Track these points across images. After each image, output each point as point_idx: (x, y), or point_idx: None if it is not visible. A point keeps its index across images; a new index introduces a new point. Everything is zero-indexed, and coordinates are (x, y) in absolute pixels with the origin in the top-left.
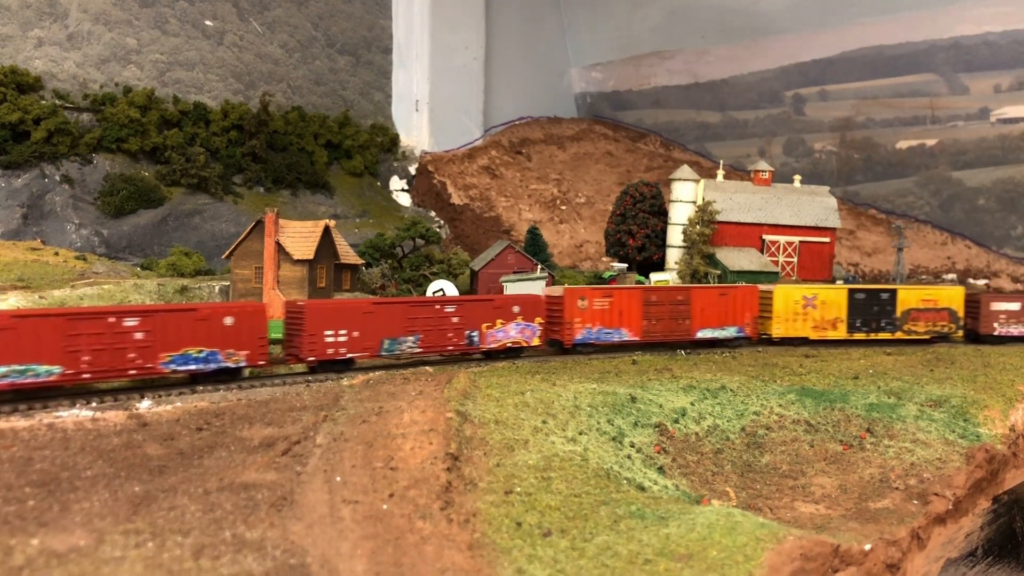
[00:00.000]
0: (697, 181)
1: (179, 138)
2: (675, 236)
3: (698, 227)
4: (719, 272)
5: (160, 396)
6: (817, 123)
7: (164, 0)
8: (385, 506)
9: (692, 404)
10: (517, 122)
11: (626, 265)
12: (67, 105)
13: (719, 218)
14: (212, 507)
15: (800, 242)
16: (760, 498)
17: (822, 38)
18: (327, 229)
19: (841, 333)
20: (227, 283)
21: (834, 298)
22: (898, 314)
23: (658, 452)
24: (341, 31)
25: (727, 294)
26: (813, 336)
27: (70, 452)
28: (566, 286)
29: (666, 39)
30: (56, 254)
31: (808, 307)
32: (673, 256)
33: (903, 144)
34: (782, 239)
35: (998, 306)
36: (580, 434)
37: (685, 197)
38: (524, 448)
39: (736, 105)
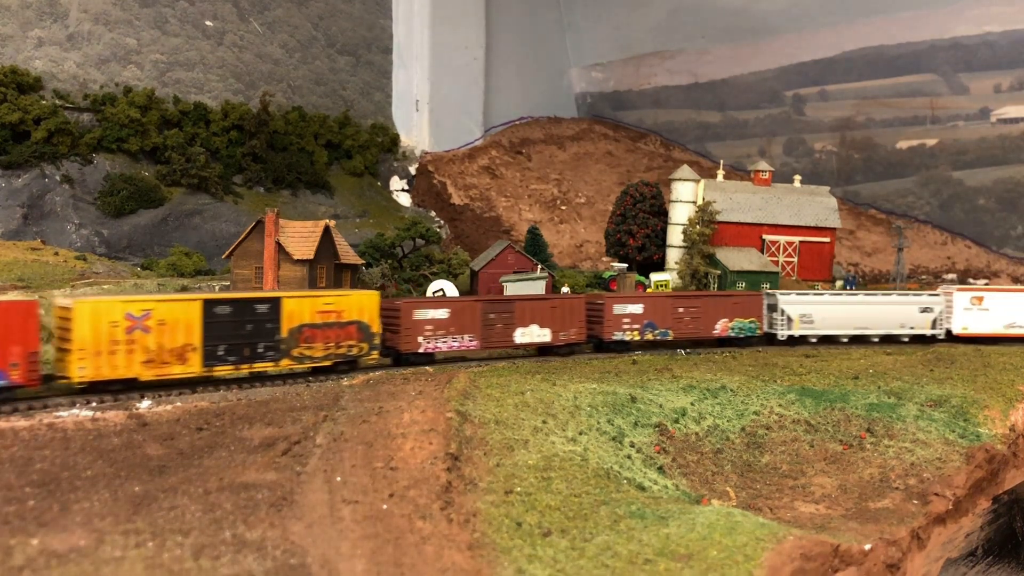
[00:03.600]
0: (697, 181)
1: (179, 138)
2: (675, 236)
3: (698, 227)
4: (719, 272)
5: (160, 396)
6: (817, 123)
7: (164, 0)
8: (385, 506)
9: (692, 404)
10: (517, 122)
11: (626, 265)
12: (67, 105)
13: (719, 218)
14: (212, 507)
15: (800, 242)
16: (760, 498)
17: (822, 38)
18: (327, 229)
19: (194, 367)
20: (227, 283)
21: (181, 315)
22: (284, 334)
23: (658, 452)
24: (341, 31)
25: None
26: (147, 375)
27: (70, 452)
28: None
29: (666, 39)
30: (56, 254)
31: (137, 330)
32: (673, 256)
33: (903, 144)
34: (782, 239)
35: (423, 314)
36: (580, 434)
37: (685, 197)
38: (524, 448)
39: (736, 105)
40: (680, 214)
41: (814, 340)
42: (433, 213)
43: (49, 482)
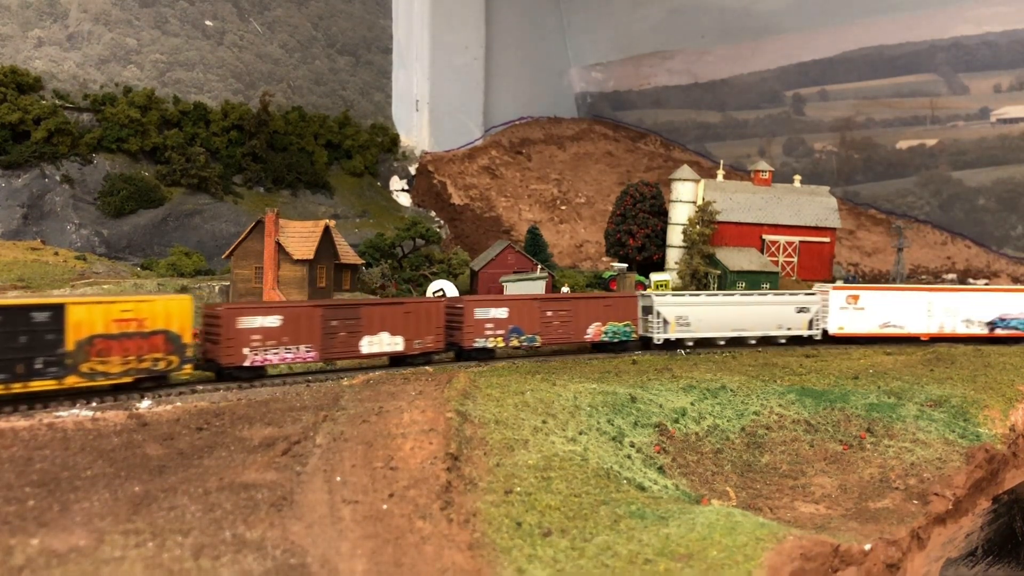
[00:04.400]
0: (697, 181)
1: (179, 138)
2: (675, 236)
3: (698, 227)
4: (719, 272)
5: (160, 396)
6: (817, 123)
7: (164, 0)
8: (385, 506)
9: (692, 404)
10: (517, 122)
11: (626, 265)
12: (67, 105)
13: (719, 218)
14: (212, 507)
15: (800, 242)
16: (760, 498)
17: (822, 38)
18: (327, 229)
19: None
20: (227, 283)
21: None
22: (70, 346)
23: (658, 452)
24: (341, 31)
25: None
26: None
27: (70, 452)
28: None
29: (666, 39)
30: (56, 254)
31: None
32: (673, 256)
33: (903, 144)
34: (782, 239)
35: (250, 322)
36: (580, 434)
37: (685, 197)
38: (524, 448)
39: (736, 105)
40: (680, 214)
41: (691, 344)
42: (433, 213)
43: (49, 482)
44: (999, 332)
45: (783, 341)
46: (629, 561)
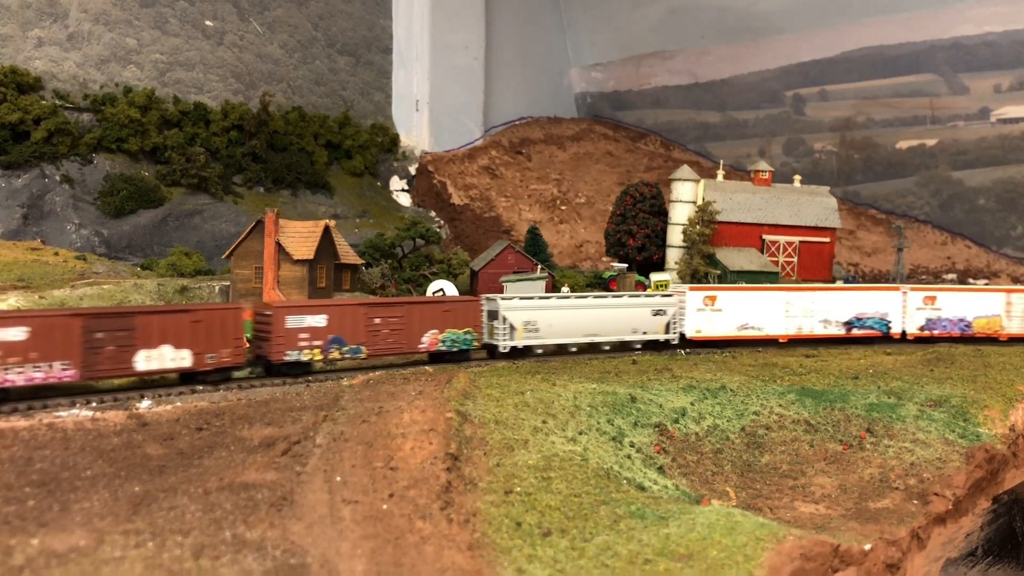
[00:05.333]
0: (697, 181)
1: (179, 138)
2: (675, 236)
3: (698, 227)
4: (719, 272)
5: (160, 396)
6: (817, 123)
7: (164, 0)
8: (385, 506)
9: (692, 404)
10: (517, 122)
11: (626, 265)
12: (67, 105)
13: (719, 218)
14: (212, 507)
15: (800, 242)
16: (760, 498)
17: (822, 38)
18: (327, 229)
19: None
20: (227, 283)
21: None
22: None
23: (658, 452)
24: (341, 31)
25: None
26: None
27: (70, 452)
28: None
29: (666, 39)
30: (56, 254)
31: None
32: (673, 256)
33: (903, 144)
34: (782, 239)
35: None
36: (580, 434)
37: (685, 197)
38: (524, 448)
39: (736, 105)
40: (680, 214)
41: (540, 352)
42: (433, 213)
43: (49, 482)
44: (856, 332)
45: (639, 347)
46: (629, 561)
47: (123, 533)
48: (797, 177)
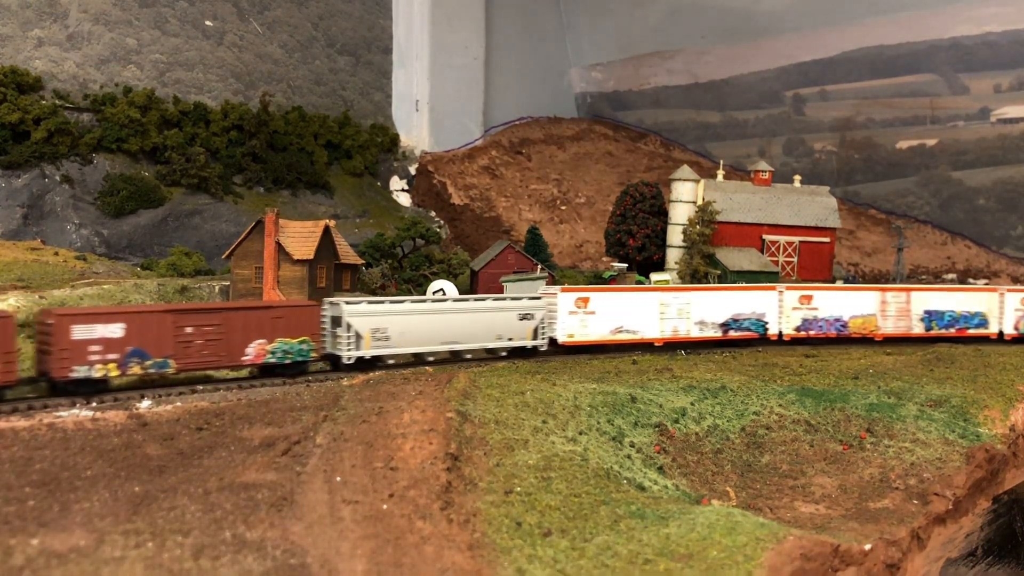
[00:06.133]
0: (697, 181)
1: (179, 138)
2: (675, 236)
3: (698, 227)
4: (719, 272)
5: (160, 396)
6: (817, 123)
7: (164, 0)
8: (385, 506)
9: (692, 404)
10: (517, 122)
11: (626, 265)
12: (67, 105)
13: (719, 218)
14: (212, 507)
15: (800, 242)
16: (760, 498)
17: (822, 38)
18: (327, 229)
19: None
20: (227, 283)
21: None
22: None
23: (658, 452)
24: (341, 31)
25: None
26: None
27: (70, 452)
28: None
29: (666, 39)
30: (56, 254)
31: None
32: (673, 256)
33: (903, 144)
34: (782, 239)
35: None
36: (580, 434)
37: (685, 197)
38: (524, 448)
39: (736, 105)
40: (680, 214)
41: (392, 363)
42: (433, 213)
43: (49, 482)
44: (732, 334)
45: (504, 354)
46: (629, 561)
47: (123, 533)
48: (797, 177)
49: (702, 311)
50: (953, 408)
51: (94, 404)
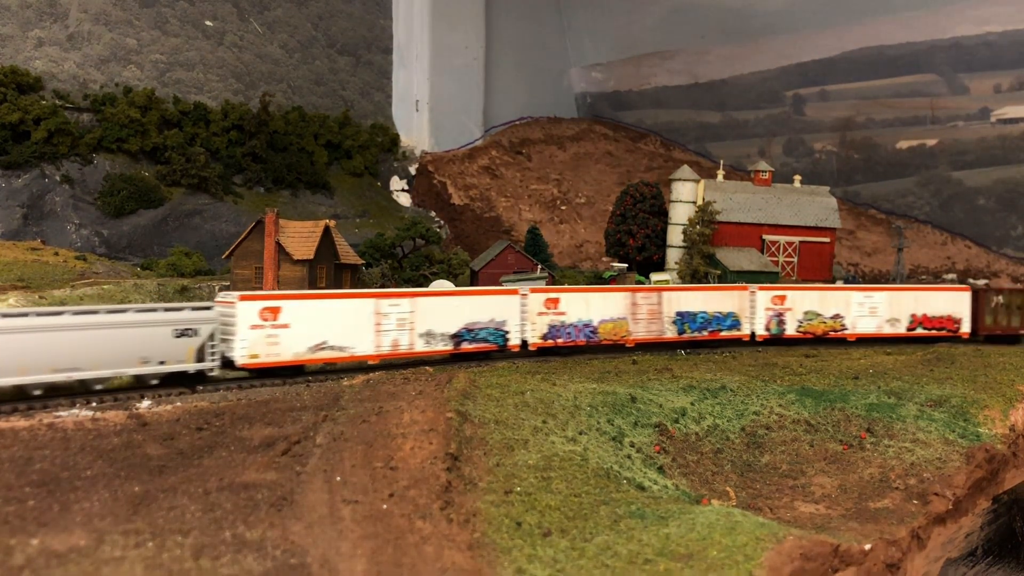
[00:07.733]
0: (697, 181)
1: (179, 138)
2: (675, 236)
3: (698, 227)
4: (719, 272)
5: (160, 396)
6: (817, 123)
7: (164, 0)
8: (385, 506)
9: (692, 404)
10: (517, 122)
11: (626, 265)
12: (67, 105)
13: (719, 218)
14: (212, 507)
15: (800, 242)
16: (760, 498)
17: (822, 38)
18: (327, 229)
19: None
20: (227, 283)
21: None
22: None
23: (658, 452)
24: (341, 31)
25: None
26: None
27: (70, 452)
28: None
29: (666, 39)
30: (56, 254)
31: None
32: (673, 256)
33: (903, 144)
34: (782, 239)
35: None
36: (580, 434)
37: (685, 197)
38: (524, 448)
39: (736, 105)
40: (680, 214)
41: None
42: (433, 213)
43: (49, 482)
44: (466, 347)
45: (155, 382)
46: (629, 561)
47: (123, 533)
48: (797, 177)
49: (429, 321)
50: (953, 408)
51: (94, 404)
